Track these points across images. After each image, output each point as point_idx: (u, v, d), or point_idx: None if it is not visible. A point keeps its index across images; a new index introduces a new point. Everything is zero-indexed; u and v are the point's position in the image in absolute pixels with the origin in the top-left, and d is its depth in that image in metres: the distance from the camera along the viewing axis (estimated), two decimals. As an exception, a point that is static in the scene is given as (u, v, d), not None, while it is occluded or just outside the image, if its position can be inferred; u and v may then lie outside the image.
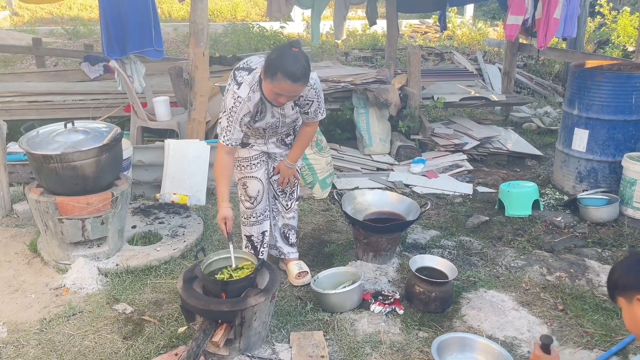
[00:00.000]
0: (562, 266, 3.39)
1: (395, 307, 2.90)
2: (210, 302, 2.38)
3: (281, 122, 2.73)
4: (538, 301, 3.05)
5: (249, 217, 3.01)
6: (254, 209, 2.98)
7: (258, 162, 2.90)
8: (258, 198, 2.96)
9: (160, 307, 2.91)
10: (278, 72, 2.39)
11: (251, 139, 2.85)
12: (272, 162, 2.99)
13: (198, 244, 3.52)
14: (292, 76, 2.38)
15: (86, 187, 3.01)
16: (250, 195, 2.94)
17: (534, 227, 3.95)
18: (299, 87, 2.45)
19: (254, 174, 2.91)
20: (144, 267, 3.18)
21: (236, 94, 2.53)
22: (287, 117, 2.72)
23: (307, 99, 2.68)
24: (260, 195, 2.96)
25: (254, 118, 2.64)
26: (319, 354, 2.52)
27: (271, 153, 2.94)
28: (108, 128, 3.19)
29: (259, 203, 2.97)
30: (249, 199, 2.95)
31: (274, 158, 2.97)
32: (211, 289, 2.48)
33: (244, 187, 2.93)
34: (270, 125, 2.72)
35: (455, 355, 2.51)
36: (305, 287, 3.14)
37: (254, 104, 2.56)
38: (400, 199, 3.46)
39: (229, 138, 2.60)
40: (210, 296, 2.46)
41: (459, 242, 3.73)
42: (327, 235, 3.82)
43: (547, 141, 6.05)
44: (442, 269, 3.02)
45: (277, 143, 2.92)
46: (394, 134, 5.51)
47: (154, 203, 4.05)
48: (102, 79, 6.29)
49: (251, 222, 3.02)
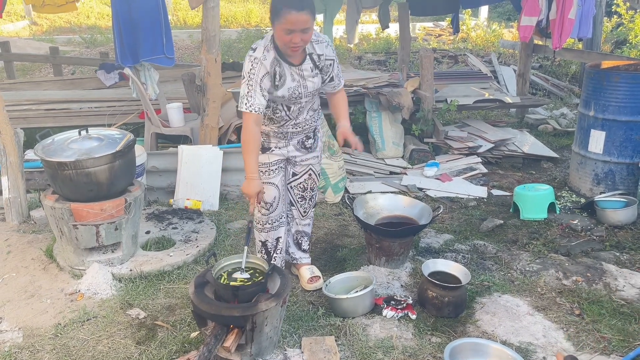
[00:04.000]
0: (579, 270, 3.34)
1: (408, 312, 2.88)
2: (221, 307, 2.38)
3: (302, 87, 2.71)
4: (554, 306, 3.00)
5: (264, 224, 3.01)
6: (269, 216, 2.98)
7: (276, 169, 2.91)
8: (274, 205, 2.96)
9: (173, 312, 2.93)
10: (282, 8, 2.46)
11: (272, 141, 2.85)
12: (292, 167, 3.00)
13: (211, 249, 3.53)
14: (295, 5, 2.44)
15: (100, 193, 3.04)
16: (266, 201, 2.94)
17: (549, 230, 3.90)
18: (306, 17, 2.48)
19: (271, 180, 2.91)
20: (157, 272, 3.20)
21: (252, 57, 2.60)
22: (308, 80, 2.71)
23: (327, 57, 2.75)
24: (277, 202, 2.97)
25: (274, 82, 2.64)
26: (330, 359, 2.51)
27: (291, 157, 2.94)
28: (121, 135, 3.22)
29: (274, 210, 2.97)
30: (265, 204, 2.95)
31: (293, 162, 2.97)
32: (222, 294, 2.48)
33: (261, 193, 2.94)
34: (293, 93, 2.69)
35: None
36: (317, 292, 3.14)
37: (270, 62, 2.60)
38: (412, 203, 3.44)
39: (252, 103, 2.58)
40: (221, 301, 2.47)
41: (473, 246, 3.69)
42: (340, 240, 3.81)
43: (564, 143, 5.97)
44: (455, 273, 2.99)
45: (297, 146, 2.92)
46: (407, 138, 5.48)
47: (167, 208, 4.08)
48: (117, 87, 6.38)
49: (266, 229, 3.02)
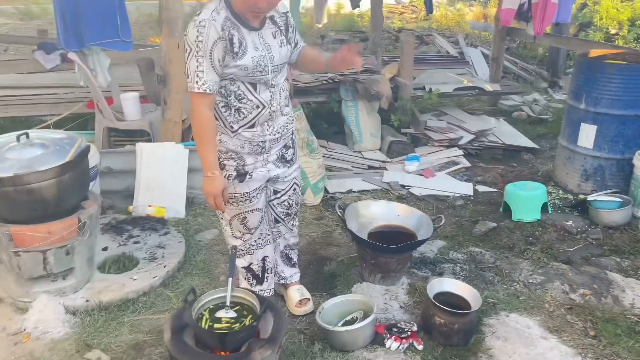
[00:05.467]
0: (584, 281, 3.12)
1: (414, 341, 2.56)
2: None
3: (268, 57, 2.20)
4: (566, 326, 2.76)
5: (248, 248, 2.59)
6: (252, 237, 2.57)
7: (257, 194, 2.48)
8: (259, 226, 2.56)
9: (141, 352, 2.48)
10: None
11: (249, 161, 2.37)
12: (273, 184, 2.56)
13: (180, 267, 3.09)
14: None
15: (46, 213, 2.53)
16: (250, 227, 2.53)
17: (545, 233, 3.67)
18: None
19: (254, 206, 2.48)
20: (119, 301, 2.73)
21: (197, 21, 2.06)
22: (273, 49, 2.22)
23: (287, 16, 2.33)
24: (260, 222, 2.56)
25: (232, 49, 2.11)
26: (334, 409, 2.16)
27: (272, 177, 2.51)
28: (70, 140, 2.70)
29: (257, 229, 2.56)
30: (248, 231, 2.53)
31: (274, 181, 2.55)
32: (206, 340, 2.08)
33: (243, 222, 2.50)
34: (258, 65, 2.16)
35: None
36: (307, 318, 2.77)
37: (221, 24, 2.08)
38: (409, 212, 3.10)
39: (204, 81, 2.08)
40: (205, 349, 2.06)
41: (469, 254, 3.40)
42: (325, 250, 3.43)
43: (540, 132, 5.79)
44: (463, 295, 2.69)
45: (277, 162, 2.48)
46: (384, 128, 5.13)
47: (126, 217, 3.57)
48: (59, 70, 5.64)
49: (251, 250, 2.60)
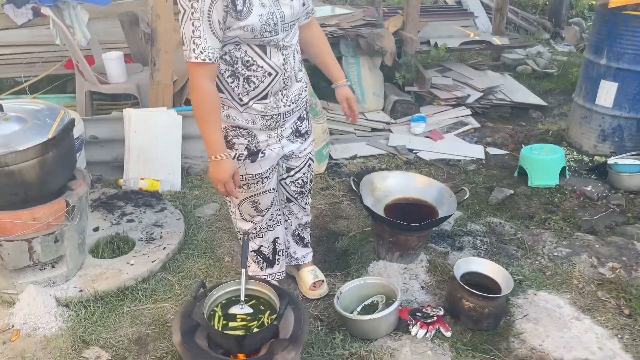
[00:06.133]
0: (612, 253, 2.94)
1: (440, 327, 2.37)
2: (224, 368, 1.75)
3: (278, 15, 1.87)
4: (598, 304, 2.59)
5: (258, 231, 2.34)
6: (263, 219, 2.31)
7: (270, 173, 2.20)
8: (270, 207, 2.30)
9: (144, 347, 2.26)
10: None
11: (261, 138, 2.07)
12: (286, 162, 2.28)
13: (181, 248, 2.83)
14: None
15: (29, 197, 2.23)
16: (261, 209, 2.27)
17: (565, 200, 3.47)
18: None
19: (266, 187, 2.21)
20: (116, 290, 2.48)
21: None
22: (282, 3, 1.88)
23: None
24: (272, 204, 2.30)
25: (235, 8, 1.77)
26: (363, 409, 1.97)
27: (286, 153, 2.22)
28: (51, 111, 2.36)
29: (268, 211, 2.30)
30: (259, 213, 2.27)
31: (288, 157, 2.26)
32: (221, 343, 1.85)
33: (254, 205, 2.23)
34: (266, 24, 1.83)
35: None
36: (322, 302, 2.56)
37: None
38: (428, 184, 2.85)
39: (203, 48, 1.76)
40: (216, 348, 1.84)
41: (488, 225, 3.20)
42: (334, 224, 3.20)
43: (546, 87, 5.53)
44: (492, 275, 2.49)
45: (291, 136, 2.19)
46: (386, 87, 4.81)
47: (117, 191, 3.27)
48: (32, 26, 5.17)
49: (261, 234, 2.35)
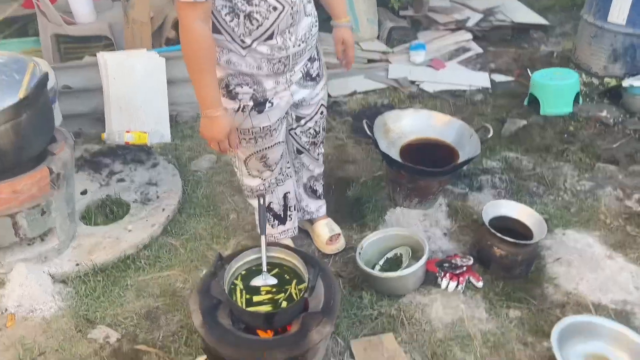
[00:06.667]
0: (637, 183, 2.80)
1: (471, 277, 2.23)
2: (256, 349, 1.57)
3: None
4: (629, 239, 2.46)
5: (267, 187, 2.10)
6: (272, 174, 2.07)
7: (279, 125, 1.93)
8: (280, 161, 2.05)
9: (156, 322, 2.07)
10: None
11: (268, 85, 1.80)
12: (295, 110, 2.00)
13: (181, 208, 2.59)
14: None
15: (5, 167, 1.94)
16: (270, 164, 2.02)
17: (581, 128, 3.29)
18: None
19: (275, 140, 1.95)
20: (116, 260, 2.25)
21: None
22: None
23: None
24: (282, 157, 2.05)
25: None
26: (401, 374, 1.84)
27: (297, 101, 1.95)
28: (18, 64, 2.02)
29: (277, 165, 2.06)
30: (267, 168, 2.03)
31: (297, 105, 1.99)
32: (247, 321, 1.66)
33: (262, 160, 1.98)
34: None
35: (578, 346, 1.92)
36: (341, 258, 2.38)
37: None
38: (447, 122, 2.61)
39: None
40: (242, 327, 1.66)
41: (504, 160, 3.01)
42: (342, 170, 2.97)
43: (545, 3, 5.20)
44: (520, 218, 2.33)
45: (302, 81, 1.90)
46: (380, 12, 4.44)
47: (101, 147, 2.97)
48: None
49: (270, 190, 2.12)
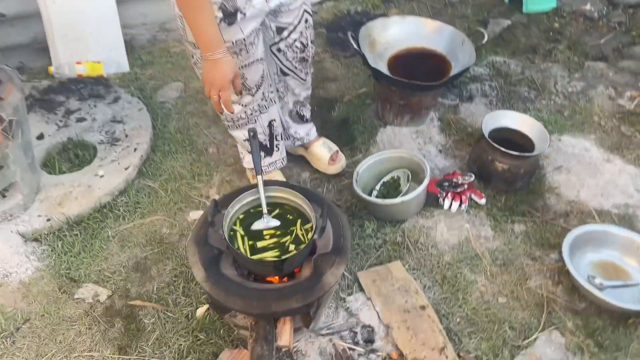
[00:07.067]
0: (627, 80, 2.72)
1: (472, 194, 2.14)
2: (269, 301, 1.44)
3: None
4: (625, 141, 2.41)
5: (250, 115, 1.88)
6: (253, 99, 1.85)
7: (254, 38, 1.69)
8: (261, 83, 1.82)
9: (147, 273, 1.91)
10: None
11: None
12: (274, 21, 1.75)
13: (154, 146, 2.35)
14: None
15: (-53, 119, 1.65)
16: (249, 86, 1.79)
17: (565, 25, 3.13)
18: None
19: (252, 57, 1.71)
20: (92, 210, 2.04)
21: None
22: None
23: None
24: (263, 78, 1.82)
25: None
26: (414, 303, 1.77)
27: (272, 8, 1.69)
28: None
29: (259, 88, 1.83)
30: (248, 91, 1.80)
31: (275, 13, 1.73)
32: (256, 270, 1.53)
33: (241, 79, 1.74)
34: None
35: (589, 254, 1.91)
36: (334, 186, 2.24)
37: None
38: (436, 29, 2.39)
39: None
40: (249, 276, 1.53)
41: (492, 66, 2.86)
42: (324, 89, 2.76)
43: None
44: (521, 129, 2.21)
45: None
46: None
47: (51, 83, 2.62)
48: None
49: (253, 118, 1.91)
